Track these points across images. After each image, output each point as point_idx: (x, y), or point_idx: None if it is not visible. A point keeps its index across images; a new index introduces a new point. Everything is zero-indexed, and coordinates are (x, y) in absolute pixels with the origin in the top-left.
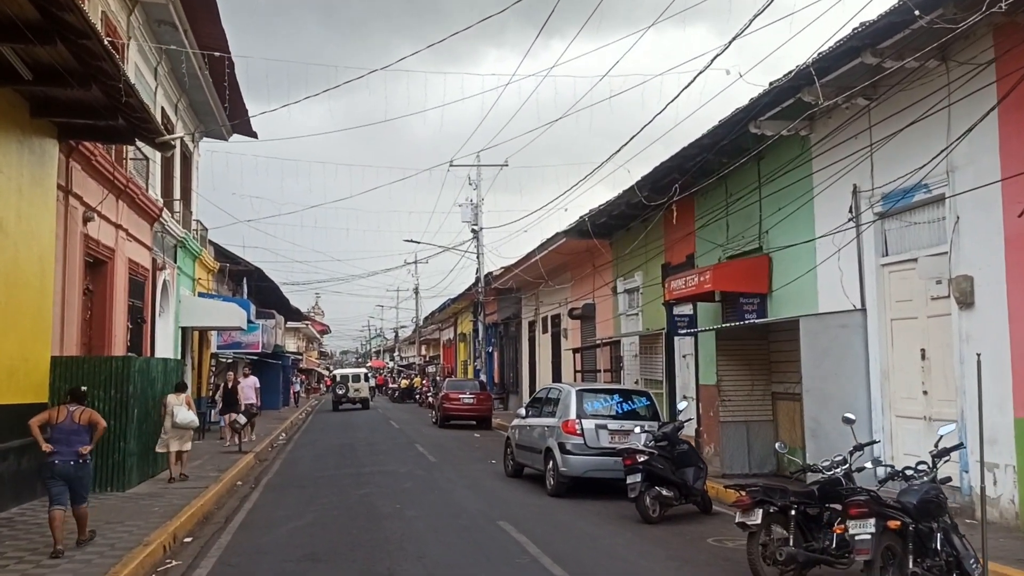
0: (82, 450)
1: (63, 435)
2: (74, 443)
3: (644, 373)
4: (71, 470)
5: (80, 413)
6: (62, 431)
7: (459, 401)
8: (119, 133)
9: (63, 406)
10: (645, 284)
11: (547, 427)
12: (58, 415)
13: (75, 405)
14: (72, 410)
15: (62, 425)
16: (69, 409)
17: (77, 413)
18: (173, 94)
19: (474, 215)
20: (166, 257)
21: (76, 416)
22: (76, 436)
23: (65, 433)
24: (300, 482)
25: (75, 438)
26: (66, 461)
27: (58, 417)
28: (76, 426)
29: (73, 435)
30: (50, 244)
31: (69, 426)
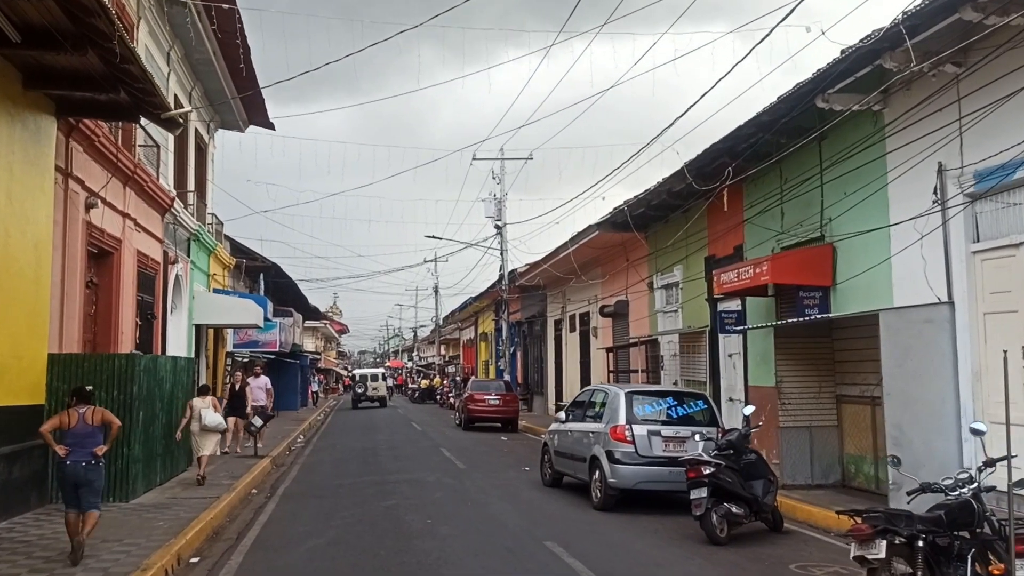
0: (97, 451)
1: (78, 440)
2: (89, 446)
3: (685, 374)
4: (80, 472)
5: (91, 413)
6: (76, 436)
7: (484, 402)
8: (122, 109)
9: (72, 409)
10: (686, 279)
11: (592, 433)
12: (69, 420)
13: (84, 406)
14: (82, 412)
15: (75, 430)
16: (79, 411)
17: (88, 414)
18: (187, 81)
19: (497, 210)
20: (179, 251)
21: (88, 417)
22: (91, 439)
23: (79, 437)
24: (319, 491)
25: (90, 441)
26: (77, 462)
27: (70, 422)
28: (90, 428)
29: (88, 438)
30: (47, 230)
31: (83, 429)
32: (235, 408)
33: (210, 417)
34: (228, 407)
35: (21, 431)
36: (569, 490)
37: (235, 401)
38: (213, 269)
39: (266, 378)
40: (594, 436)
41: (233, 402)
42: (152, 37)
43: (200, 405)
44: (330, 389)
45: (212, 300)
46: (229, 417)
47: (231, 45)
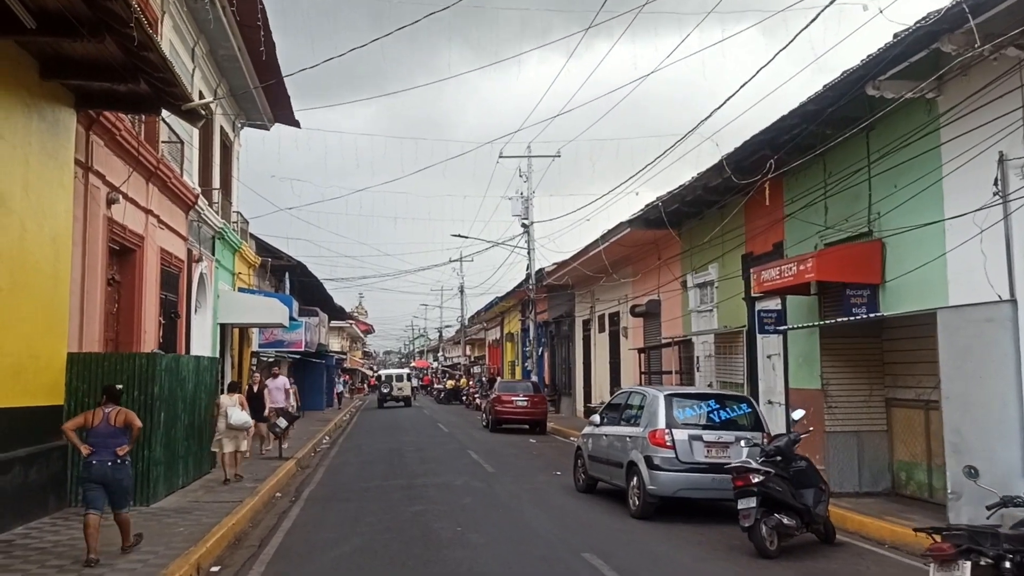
0: (119, 450)
1: (100, 439)
2: (112, 447)
3: (720, 375)
4: (108, 471)
5: (116, 415)
6: (98, 435)
7: (512, 404)
8: (143, 100)
9: (99, 408)
10: (721, 277)
11: (629, 437)
12: (94, 418)
13: (111, 406)
14: (108, 412)
15: (98, 429)
16: (105, 411)
17: (113, 415)
18: (212, 78)
19: (524, 209)
20: (203, 249)
21: (112, 418)
22: (114, 440)
23: (102, 437)
24: (345, 494)
25: (112, 441)
26: (103, 462)
27: (94, 420)
28: (112, 429)
29: (111, 439)
30: (66, 225)
31: (105, 429)
32: (254, 411)
33: (236, 416)
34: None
35: (39, 433)
36: (604, 496)
37: (253, 403)
38: (238, 268)
39: (285, 378)
40: (631, 441)
41: (251, 404)
42: (176, 32)
43: (227, 403)
44: (356, 389)
45: (237, 299)
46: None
47: (256, 40)
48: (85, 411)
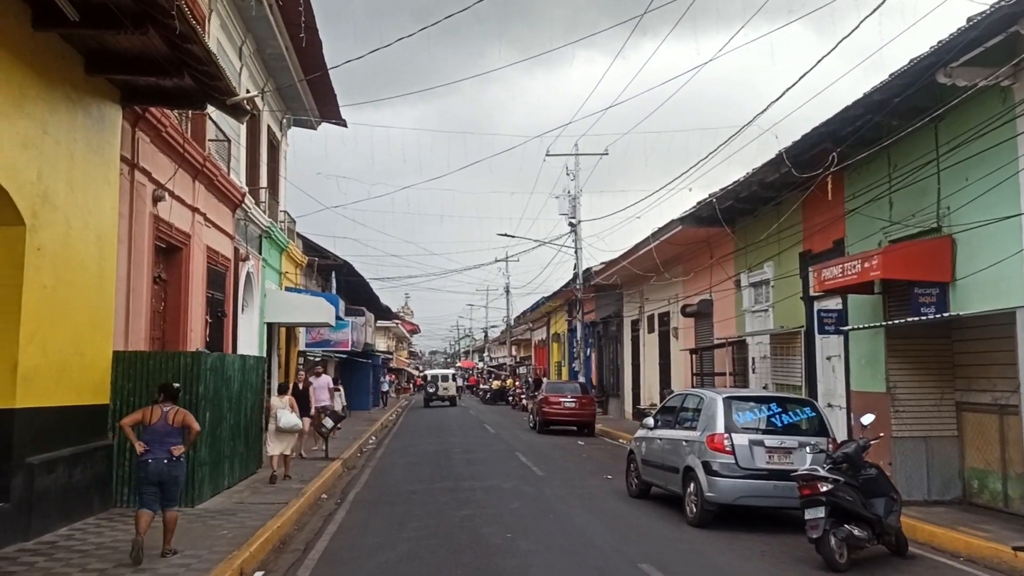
0: (174, 450)
1: (156, 437)
2: (167, 445)
3: (777, 377)
4: (164, 469)
5: (174, 414)
6: (155, 433)
7: (560, 405)
8: (188, 95)
9: (156, 406)
10: (778, 276)
11: (686, 442)
12: (151, 416)
13: (169, 405)
14: (166, 411)
15: (155, 427)
16: (163, 409)
17: (171, 414)
18: (260, 77)
19: (571, 207)
20: (250, 248)
21: (170, 417)
22: (170, 439)
23: (158, 435)
24: (391, 497)
25: (169, 440)
26: (159, 460)
27: (151, 418)
28: (170, 428)
29: (167, 438)
30: (111, 222)
31: (163, 428)
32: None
33: (286, 418)
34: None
35: (84, 432)
36: (658, 502)
37: (299, 402)
38: (285, 267)
39: (328, 377)
40: (688, 445)
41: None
42: (224, 31)
43: (278, 404)
44: (401, 389)
45: (283, 298)
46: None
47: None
48: (142, 408)
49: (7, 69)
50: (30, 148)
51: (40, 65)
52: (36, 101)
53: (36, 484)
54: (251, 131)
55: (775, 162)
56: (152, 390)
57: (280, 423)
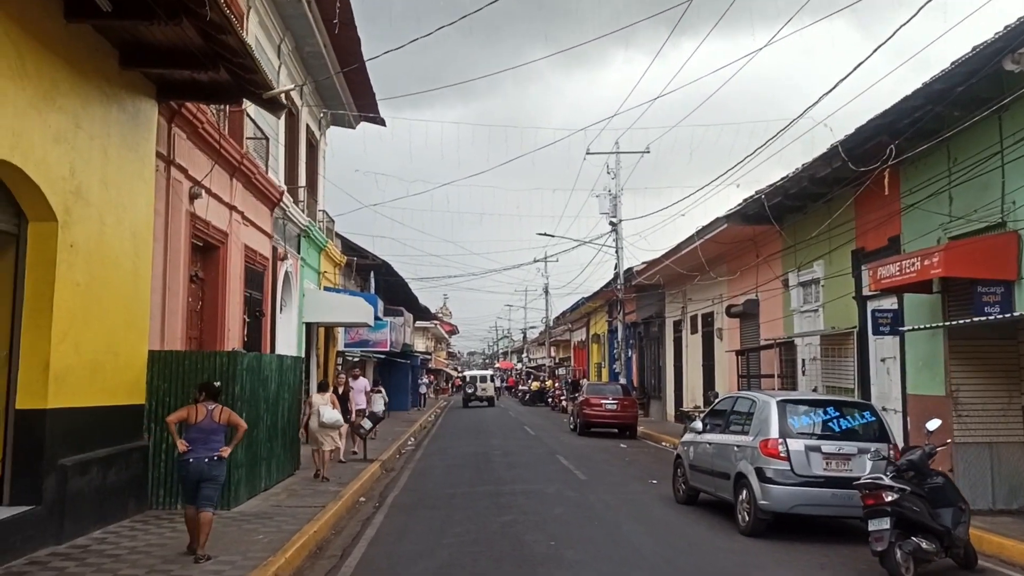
0: (222, 452)
1: (202, 435)
2: (212, 443)
3: (828, 380)
4: (204, 468)
5: (220, 411)
6: (201, 431)
7: (601, 407)
8: (224, 90)
9: (200, 404)
10: (828, 275)
11: (737, 447)
12: (196, 414)
13: (212, 403)
14: (211, 408)
15: (201, 425)
16: (208, 407)
17: (217, 412)
18: (298, 75)
19: (612, 206)
20: (288, 247)
21: (216, 415)
22: (215, 436)
23: (204, 433)
24: (431, 501)
25: (214, 438)
26: (200, 459)
27: (197, 416)
28: (215, 425)
29: (212, 435)
30: (147, 219)
31: (209, 425)
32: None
33: (328, 414)
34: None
35: (119, 432)
36: (708, 509)
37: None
38: (324, 267)
39: (365, 380)
40: (740, 451)
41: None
42: (262, 28)
43: (319, 401)
44: (440, 390)
45: (322, 298)
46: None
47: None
48: (187, 406)
49: (38, 61)
50: (62, 143)
51: (73, 58)
52: (69, 95)
53: (69, 486)
54: (290, 130)
55: (827, 156)
56: (188, 390)
57: (323, 419)
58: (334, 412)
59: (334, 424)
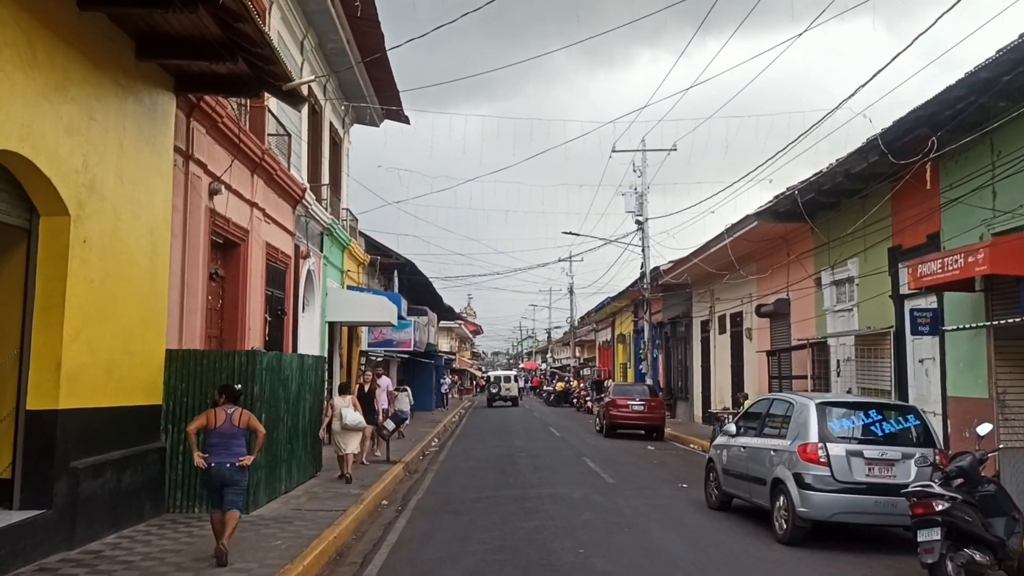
0: (243, 461)
1: (222, 439)
2: (233, 447)
3: (863, 381)
4: (226, 473)
5: (239, 415)
6: (221, 435)
7: (628, 408)
8: (243, 82)
9: (219, 408)
10: (863, 274)
11: (773, 451)
12: (216, 419)
13: (231, 406)
14: (230, 412)
15: (221, 429)
16: (227, 411)
17: (236, 415)
18: (321, 72)
19: (638, 205)
20: (310, 245)
21: (236, 419)
22: (236, 441)
23: (224, 437)
24: (454, 506)
25: (235, 443)
26: (221, 464)
27: (216, 421)
28: (235, 429)
29: (233, 440)
30: (164, 215)
31: (228, 429)
32: (365, 411)
33: (351, 416)
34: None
35: (134, 434)
36: (742, 516)
37: (364, 404)
38: (347, 265)
39: (387, 379)
40: (776, 455)
41: (364, 405)
42: (285, 24)
43: (340, 404)
44: (464, 390)
45: (345, 297)
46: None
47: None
48: (205, 412)
49: (50, 50)
50: (75, 135)
51: (87, 47)
52: (82, 85)
53: (81, 489)
54: (313, 128)
55: (864, 150)
56: (207, 390)
57: (346, 420)
58: (356, 414)
59: (356, 427)
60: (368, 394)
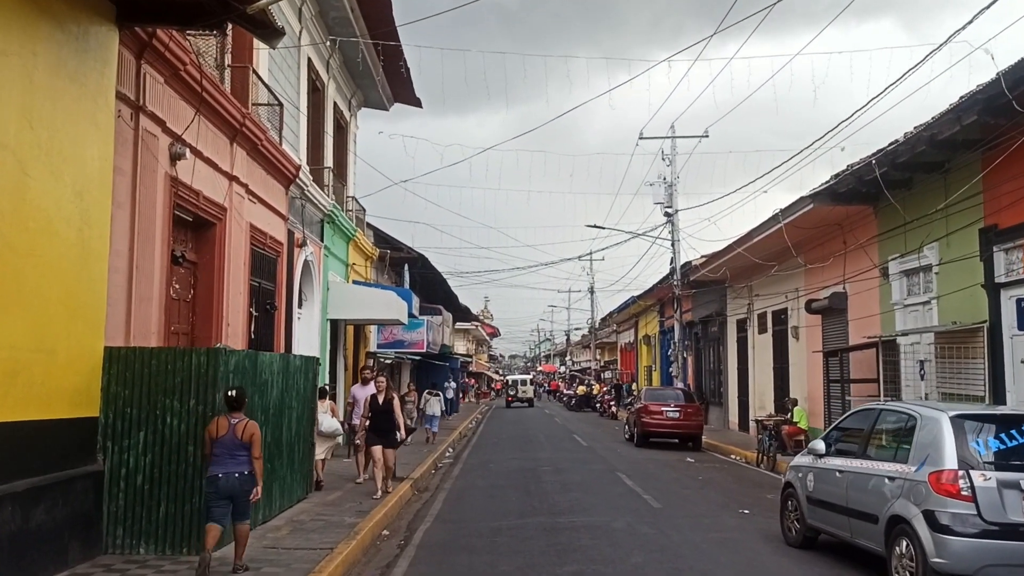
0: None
1: (226, 450)
2: (239, 458)
3: (946, 386)
4: (235, 483)
5: (243, 427)
6: (224, 446)
7: (662, 415)
8: (200, 8)
9: (223, 417)
10: (946, 260)
11: (889, 479)
12: (218, 428)
13: (236, 416)
14: (234, 423)
15: (224, 439)
16: (231, 421)
17: (240, 426)
18: (324, 48)
19: (668, 196)
20: (308, 232)
21: (239, 430)
22: (241, 453)
23: (228, 448)
24: (469, 540)
25: (240, 455)
26: (229, 474)
27: (218, 431)
28: (238, 441)
29: (237, 451)
30: (102, 177)
31: (231, 440)
32: (380, 431)
33: (327, 422)
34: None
35: (55, 456)
36: (835, 557)
37: (379, 421)
38: (353, 258)
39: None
40: (895, 484)
41: (377, 423)
42: None
43: (319, 409)
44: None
45: (349, 292)
46: (375, 446)
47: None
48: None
49: None
50: None
51: None
52: None
53: None
54: (314, 106)
55: (962, 108)
56: (156, 398)
57: (321, 427)
58: (333, 420)
59: (332, 433)
60: (385, 407)
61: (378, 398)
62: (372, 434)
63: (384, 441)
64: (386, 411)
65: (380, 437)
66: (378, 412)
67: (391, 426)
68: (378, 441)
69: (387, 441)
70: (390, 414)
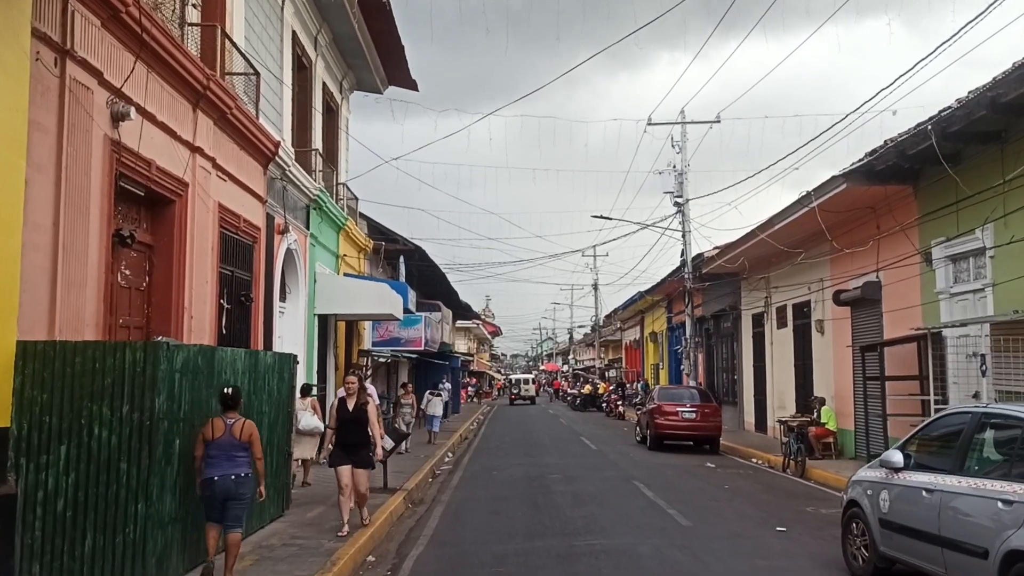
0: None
1: (222, 451)
2: (236, 459)
3: (1004, 383)
4: (231, 486)
5: (241, 426)
6: (220, 447)
7: (677, 416)
8: None
9: (218, 418)
10: (1001, 243)
11: (1003, 503)
12: (213, 430)
13: (232, 416)
14: (230, 423)
15: (220, 441)
16: (227, 421)
17: (237, 426)
18: (312, 23)
19: (678, 184)
20: (291, 218)
21: (236, 430)
22: (238, 454)
23: (224, 449)
24: (468, 571)
25: (237, 456)
26: (225, 476)
27: (214, 432)
28: (236, 441)
29: (235, 451)
30: (13, 133)
31: (228, 441)
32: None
33: (306, 420)
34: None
35: None
36: None
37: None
38: (344, 249)
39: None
40: (1013, 511)
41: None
42: None
43: (299, 407)
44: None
45: (339, 284)
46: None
47: None
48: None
49: None
50: None
51: None
52: None
53: None
54: (301, 85)
55: None
56: (82, 403)
57: (300, 425)
58: (313, 418)
59: (312, 431)
60: (355, 414)
61: (347, 403)
62: (339, 451)
63: (353, 460)
64: (357, 419)
65: (348, 455)
66: (346, 421)
67: (364, 439)
68: (346, 460)
69: (357, 460)
70: (362, 424)
